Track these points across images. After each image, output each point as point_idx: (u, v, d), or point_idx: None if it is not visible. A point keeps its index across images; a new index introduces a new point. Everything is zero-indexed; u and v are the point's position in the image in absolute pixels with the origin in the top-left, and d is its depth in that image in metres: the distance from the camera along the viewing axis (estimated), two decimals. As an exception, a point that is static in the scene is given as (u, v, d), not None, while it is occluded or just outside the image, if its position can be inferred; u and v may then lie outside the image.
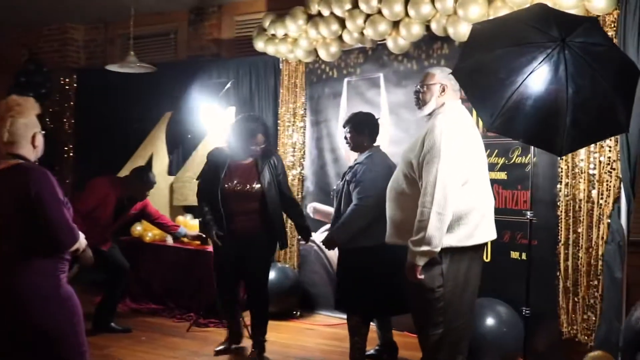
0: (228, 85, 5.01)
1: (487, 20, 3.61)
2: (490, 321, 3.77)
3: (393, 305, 3.57)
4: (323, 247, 3.89)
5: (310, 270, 5.28)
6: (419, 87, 3.09)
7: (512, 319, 3.79)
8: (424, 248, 2.75)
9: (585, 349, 3.67)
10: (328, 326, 4.85)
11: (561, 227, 3.78)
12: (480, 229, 2.94)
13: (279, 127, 5.44)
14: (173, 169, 5.85)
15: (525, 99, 2.54)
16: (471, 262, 2.98)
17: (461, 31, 3.98)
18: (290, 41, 5.05)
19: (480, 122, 3.96)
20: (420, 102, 3.08)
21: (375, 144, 3.77)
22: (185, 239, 5.19)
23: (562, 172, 3.78)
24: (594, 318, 3.67)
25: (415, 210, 2.82)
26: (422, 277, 2.82)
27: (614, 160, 3.56)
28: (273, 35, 5.16)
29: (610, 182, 3.57)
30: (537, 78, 2.53)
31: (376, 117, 3.82)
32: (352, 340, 3.70)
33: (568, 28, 2.57)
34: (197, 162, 5.48)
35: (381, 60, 4.80)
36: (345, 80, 5.04)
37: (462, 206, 2.82)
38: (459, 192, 2.79)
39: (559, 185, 3.80)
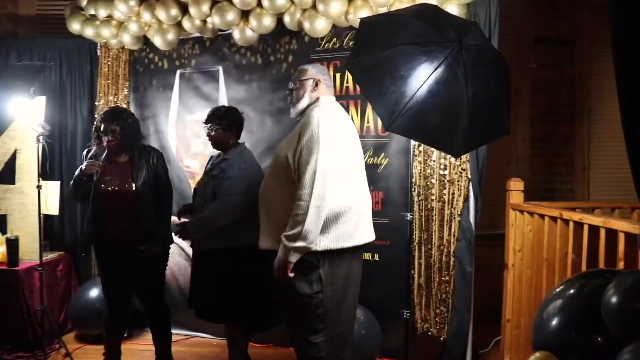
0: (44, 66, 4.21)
1: (376, 15, 3.52)
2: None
3: (271, 314, 3.32)
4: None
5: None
6: (291, 84, 2.98)
7: (368, 321, 3.78)
8: (299, 244, 2.61)
9: (439, 341, 3.83)
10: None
11: (415, 227, 3.86)
12: (360, 229, 2.85)
13: (95, 122, 4.77)
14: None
15: (427, 99, 2.48)
16: (351, 265, 2.87)
17: (318, 27, 3.85)
18: (115, 24, 4.47)
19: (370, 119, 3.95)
20: (294, 99, 2.96)
21: (240, 141, 3.50)
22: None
23: (415, 173, 3.86)
24: (445, 312, 3.81)
25: (289, 211, 2.65)
26: (292, 275, 2.66)
27: (464, 161, 3.72)
28: (92, 15, 4.52)
29: (461, 182, 3.74)
30: (438, 78, 2.48)
31: (240, 112, 3.53)
32: (231, 354, 3.39)
33: (461, 30, 2.58)
34: (-7, 162, 4.60)
35: (221, 52, 4.45)
36: (178, 72, 4.59)
37: (340, 203, 2.70)
38: (336, 188, 2.67)
39: (412, 186, 3.87)
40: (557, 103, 5.35)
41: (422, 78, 2.47)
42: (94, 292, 4.39)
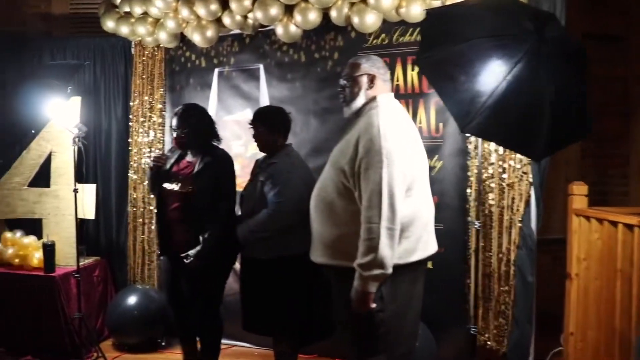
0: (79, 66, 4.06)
1: (443, 6, 3.31)
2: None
3: (321, 327, 3.12)
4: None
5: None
6: (343, 81, 2.71)
7: (422, 333, 3.55)
8: (376, 272, 2.38)
9: (498, 355, 3.60)
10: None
11: (471, 233, 3.63)
12: (423, 242, 2.63)
13: (131, 123, 4.63)
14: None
15: (506, 98, 2.26)
16: (413, 280, 2.66)
17: (367, 21, 3.64)
18: (151, 21, 4.30)
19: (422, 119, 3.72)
20: (347, 98, 2.70)
21: (287, 142, 3.30)
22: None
23: (472, 177, 3.63)
24: (505, 324, 3.58)
25: (350, 226, 2.47)
26: (374, 306, 2.44)
27: (525, 164, 3.49)
28: (127, 13, 4.36)
29: (522, 186, 3.50)
30: (518, 75, 2.27)
31: (287, 112, 3.33)
32: None
33: (538, 20, 2.35)
34: (28, 164, 4.44)
35: (261, 50, 4.25)
36: (217, 70, 4.40)
37: (404, 217, 2.46)
38: (402, 203, 2.44)
39: (468, 190, 3.65)
40: (609, 101, 5.08)
41: (500, 75, 2.25)
42: (132, 299, 4.25)
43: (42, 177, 4.46)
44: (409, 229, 2.51)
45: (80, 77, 4.65)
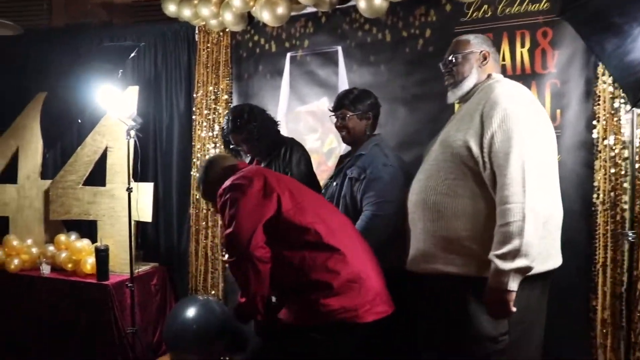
0: (134, 52, 3.63)
1: None
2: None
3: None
4: None
5: (240, 299, 4.07)
6: (451, 57, 2.34)
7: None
8: (520, 263, 1.94)
9: (634, 398, 2.90)
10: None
11: (599, 245, 2.95)
12: (556, 247, 2.20)
13: (194, 116, 4.18)
14: (48, 171, 4.34)
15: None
16: (542, 297, 2.21)
17: (469, -12, 3.05)
18: (215, 1, 3.84)
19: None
20: (457, 77, 2.32)
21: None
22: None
23: (598, 175, 2.96)
24: (643, 358, 2.89)
25: (476, 218, 2.07)
26: (514, 309, 1.98)
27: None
28: (189, -7, 3.93)
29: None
30: None
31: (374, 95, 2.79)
32: None
33: None
34: (83, 161, 4.08)
35: (339, 30, 3.71)
36: (289, 55, 3.89)
37: (543, 211, 2.02)
38: (542, 189, 2.03)
39: (595, 192, 2.98)
40: None
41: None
42: (190, 311, 3.75)
43: (98, 176, 4.08)
44: (545, 226, 2.06)
45: (139, 66, 4.28)
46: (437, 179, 2.18)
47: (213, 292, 4.09)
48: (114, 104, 3.43)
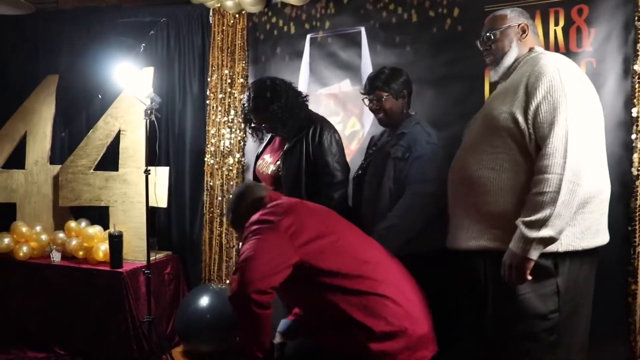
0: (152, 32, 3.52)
1: None
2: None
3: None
4: None
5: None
6: (488, 34, 2.28)
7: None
8: (545, 233, 1.91)
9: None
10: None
11: (637, 226, 2.87)
12: (604, 223, 2.13)
13: (208, 100, 4.06)
14: (56, 155, 4.20)
15: None
16: (591, 274, 2.15)
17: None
18: (232, -19, 3.73)
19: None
20: (497, 54, 2.27)
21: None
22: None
23: (638, 155, 2.88)
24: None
25: (523, 192, 2.01)
26: (530, 278, 1.96)
27: None
28: (205, -27, 3.81)
29: None
30: None
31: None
32: None
33: None
34: (94, 145, 3.94)
35: (362, 10, 3.59)
36: (309, 36, 3.77)
37: (592, 184, 2.00)
38: (590, 161, 1.99)
39: (633, 170, 2.89)
40: None
41: None
42: (204, 301, 3.63)
43: (110, 160, 3.95)
44: (594, 201, 2.03)
45: (151, 49, 4.13)
46: (481, 153, 2.13)
47: (227, 281, 3.96)
48: (131, 83, 3.30)
